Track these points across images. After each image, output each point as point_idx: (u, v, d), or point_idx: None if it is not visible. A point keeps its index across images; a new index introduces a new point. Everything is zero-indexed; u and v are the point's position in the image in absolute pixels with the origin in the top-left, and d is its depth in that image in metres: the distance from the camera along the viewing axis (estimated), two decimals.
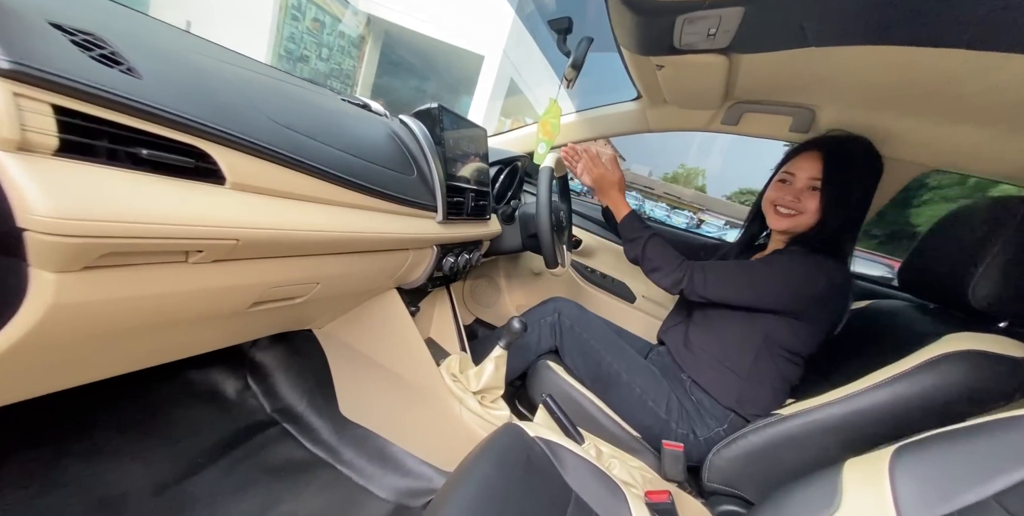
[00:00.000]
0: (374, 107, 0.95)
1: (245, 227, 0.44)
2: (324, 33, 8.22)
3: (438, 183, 0.84)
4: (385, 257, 0.76)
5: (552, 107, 1.05)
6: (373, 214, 0.69)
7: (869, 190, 0.93)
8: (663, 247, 0.99)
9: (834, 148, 0.96)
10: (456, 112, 0.93)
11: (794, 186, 0.98)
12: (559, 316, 1.15)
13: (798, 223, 0.97)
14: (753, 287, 0.90)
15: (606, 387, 1.06)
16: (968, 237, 0.79)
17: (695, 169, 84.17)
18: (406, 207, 0.76)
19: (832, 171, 0.93)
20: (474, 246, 1.11)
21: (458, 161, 0.95)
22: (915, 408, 0.72)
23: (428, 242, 0.84)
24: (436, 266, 0.91)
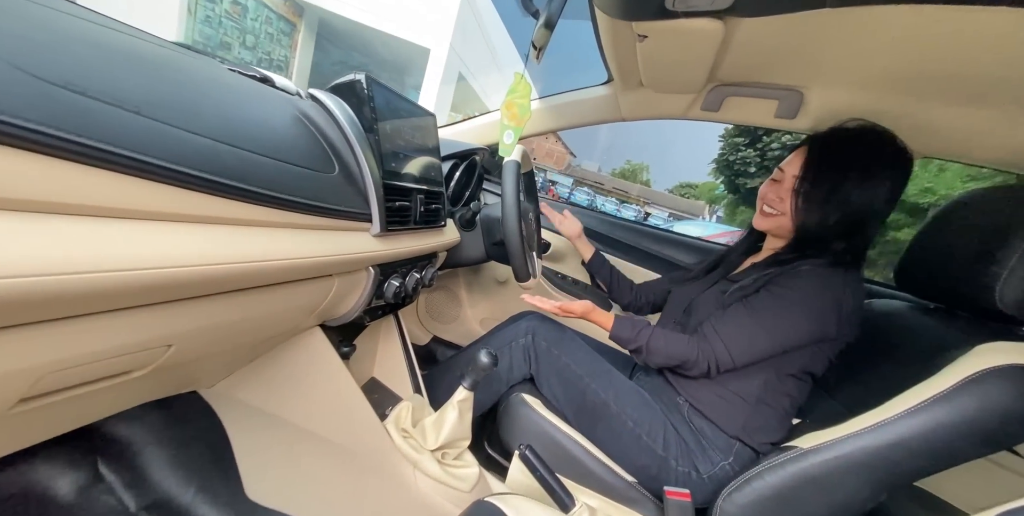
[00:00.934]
0: (278, 82, 0.69)
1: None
2: (247, 18, 7.44)
3: (371, 183, 0.61)
4: (293, 292, 0.52)
5: (519, 84, 0.84)
6: (268, 232, 0.46)
7: (877, 191, 0.78)
8: (664, 337, 0.83)
9: (823, 145, 0.83)
10: (393, 89, 0.70)
11: (782, 184, 0.86)
12: (533, 337, 0.96)
13: (780, 225, 0.86)
14: (773, 337, 0.76)
15: (593, 421, 0.89)
16: (982, 229, 0.69)
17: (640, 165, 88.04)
18: (324, 218, 0.53)
19: (809, 166, 0.81)
20: (427, 261, 0.89)
21: (400, 154, 0.72)
22: (959, 436, 0.61)
23: (360, 263, 0.61)
24: (376, 293, 0.68)
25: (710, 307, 0.88)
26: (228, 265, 0.39)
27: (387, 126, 0.68)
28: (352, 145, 0.61)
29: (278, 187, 0.46)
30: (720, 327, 0.79)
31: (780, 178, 0.86)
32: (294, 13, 8.72)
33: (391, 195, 0.67)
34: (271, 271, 0.45)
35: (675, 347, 0.80)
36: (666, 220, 21.77)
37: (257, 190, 0.43)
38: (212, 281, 0.39)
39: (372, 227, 0.63)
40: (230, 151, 0.42)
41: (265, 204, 0.44)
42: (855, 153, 0.79)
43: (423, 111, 0.85)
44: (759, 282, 0.82)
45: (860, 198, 0.77)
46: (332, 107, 0.61)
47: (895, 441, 0.63)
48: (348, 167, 0.60)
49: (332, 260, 0.53)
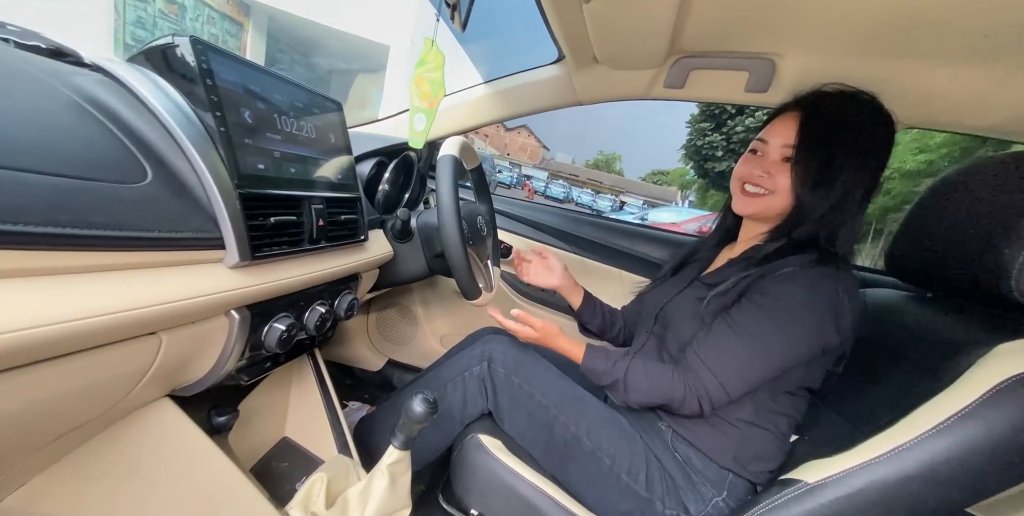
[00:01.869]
0: (88, 59, 0.50)
1: None
2: (186, 18, 6.94)
3: (217, 194, 0.43)
4: (84, 367, 0.35)
5: (428, 54, 0.67)
6: (26, 286, 0.28)
7: (869, 163, 0.68)
8: (644, 371, 0.69)
9: (816, 105, 0.71)
10: (254, 62, 0.52)
11: (765, 158, 0.72)
12: (489, 365, 0.81)
13: (768, 206, 0.72)
14: (770, 359, 0.63)
15: (564, 461, 0.75)
16: (991, 204, 0.59)
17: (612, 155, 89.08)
18: (126, 251, 0.35)
19: (807, 135, 0.68)
20: (343, 287, 0.71)
21: (276, 152, 0.54)
22: (992, 461, 0.49)
23: (207, 310, 0.43)
24: (248, 345, 0.50)
25: (686, 317, 0.74)
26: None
27: (246, 113, 0.50)
28: (178, 140, 0.42)
29: (23, 215, 0.28)
30: (706, 354, 0.64)
31: (763, 150, 0.73)
32: (240, 12, 8.21)
33: (259, 209, 0.49)
34: (29, 347, 0.27)
35: (658, 383, 0.66)
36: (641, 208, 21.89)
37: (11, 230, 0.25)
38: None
39: (227, 256, 0.45)
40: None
41: (28, 247, 0.27)
42: (846, 119, 0.68)
43: (319, 97, 0.67)
44: (740, 286, 0.68)
45: (854, 169, 0.66)
46: (134, 84, 0.42)
47: (917, 472, 0.51)
48: (173, 173, 0.42)
49: (142, 313, 0.36)
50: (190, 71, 0.44)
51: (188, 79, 0.44)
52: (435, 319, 1.36)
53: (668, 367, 0.67)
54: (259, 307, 0.50)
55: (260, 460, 0.67)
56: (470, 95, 1.22)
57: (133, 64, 0.45)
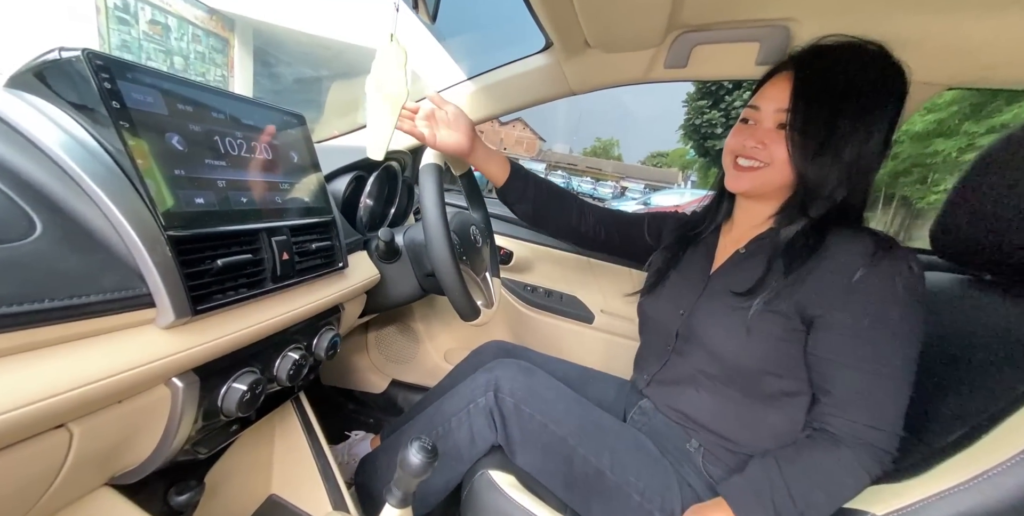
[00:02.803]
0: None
1: None
2: (171, 38, 6.89)
3: (136, 239, 0.35)
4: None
5: (387, 51, 0.58)
6: None
7: (880, 123, 0.59)
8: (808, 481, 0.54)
9: (813, 61, 0.61)
10: (171, 73, 0.43)
11: (759, 126, 0.63)
12: (496, 394, 0.72)
13: (764, 180, 0.63)
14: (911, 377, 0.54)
15: (586, 497, 0.67)
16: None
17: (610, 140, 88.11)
18: (11, 331, 0.27)
19: (802, 95, 0.59)
20: (323, 322, 0.63)
21: (218, 182, 0.46)
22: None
23: (131, 387, 0.35)
24: (201, 415, 0.42)
25: (724, 332, 0.64)
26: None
27: (174, 139, 0.41)
28: (76, 179, 0.34)
29: None
30: (858, 413, 0.53)
31: (755, 118, 0.63)
32: (224, 28, 8.14)
33: (202, 251, 0.41)
34: None
35: (827, 472, 0.53)
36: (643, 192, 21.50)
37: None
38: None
39: (159, 315, 0.37)
40: None
41: None
42: (849, 74, 0.58)
43: (277, 112, 0.59)
44: (785, 288, 0.59)
45: (865, 132, 0.58)
46: (8, 113, 0.34)
47: (1013, 500, 0.42)
48: (74, 221, 0.34)
49: (39, 408, 0.28)
50: (89, 93, 0.36)
51: (87, 103, 0.36)
52: (437, 334, 1.28)
53: (825, 450, 0.54)
54: (211, 367, 0.42)
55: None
56: (455, 93, 1.12)
57: (11, 89, 0.37)
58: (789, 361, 0.60)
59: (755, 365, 0.62)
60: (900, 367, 0.53)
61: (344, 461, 0.94)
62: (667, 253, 0.80)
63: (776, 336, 0.60)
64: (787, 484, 0.55)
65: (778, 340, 0.60)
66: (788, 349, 0.60)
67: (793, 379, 0.61)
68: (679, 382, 0.72)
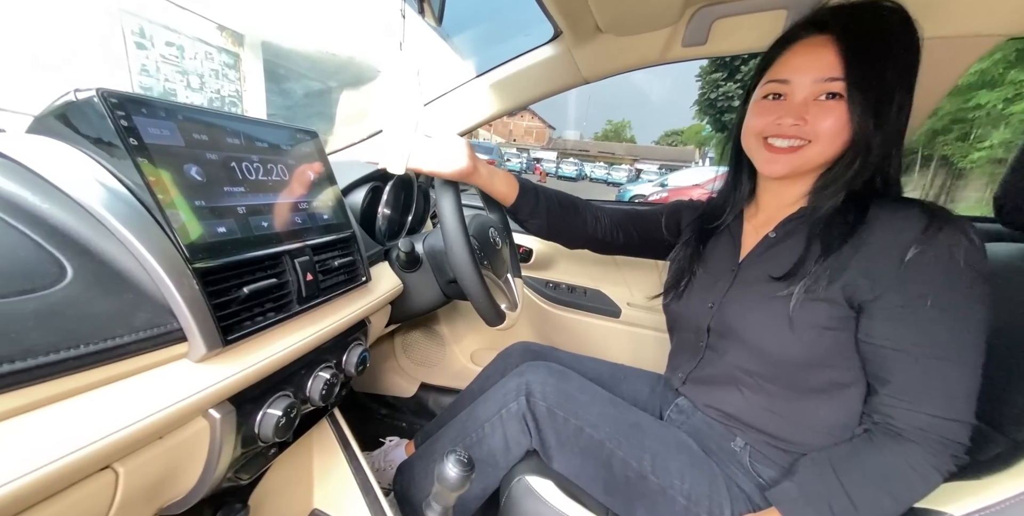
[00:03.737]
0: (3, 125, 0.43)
1: None
2: (186, 58, 7.09)
3: (163, 275, 0.35)
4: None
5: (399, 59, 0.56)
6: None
7: (913, 81, 0.55)
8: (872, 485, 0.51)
9: (848, 23, 0.55)
10: (184, 103, 0.43)
11: (793, 100, 0.57)
12: (528, 399, 0.71)
13: (807, 159, 0.58)
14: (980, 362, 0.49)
15: (629, 501, 0.65)
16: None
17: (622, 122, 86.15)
18: (34, 383, 0.28)
19: (856, 62, 0.53)
20: (350, 338, 0.63)
21: (239, 207, 0.45)
22: None
23: (171, 423, 0.35)
24: (241, 443, 0.43)
25: (763, 325, 0.60)
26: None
27: (193, 170, 0.41)
28: (101, 220, 0.34)
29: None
30: (929, 405, 0.49)
31: (786, 92, 0.58)
32: (234, 42, 8.34)
33: (228, 281, 0.41)
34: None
35: (889, 471, 0.50)
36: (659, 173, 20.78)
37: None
38: None
39: (191, 349, 0.37)
40: None
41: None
42: (885, 33, 0.54)
43: (287, 130, 0.58)
44: (828, 272, 0.54)
45: (906, 92, 0.55)
46: (30, 161, 0.34)
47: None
48: (103, 262, 0.34)
49: (85, 454, 0.28)
50: (106, 132, 0.36)
51: (106, 142, 0.36)
52: (463, 336, 1.28)
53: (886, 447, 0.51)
54: (245, 395, 0.43)
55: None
56: (465, 92, 1.10)
57: (34, 134, 0.37)
58: (838, 351, 0.56)
59: (800, 358, 0.58)
60: (967, 351, 0.48)
61: (381, 468, 0.95)
62: (687, 249, 0.75)
63: (822, 325, 0.55)
64: (845, 488, 0.51)
65: (824, 329, 0.55)
66: (836, 338, 0.55)
67: (845, 369, 0.56)
68: (717, 380, 0.69)
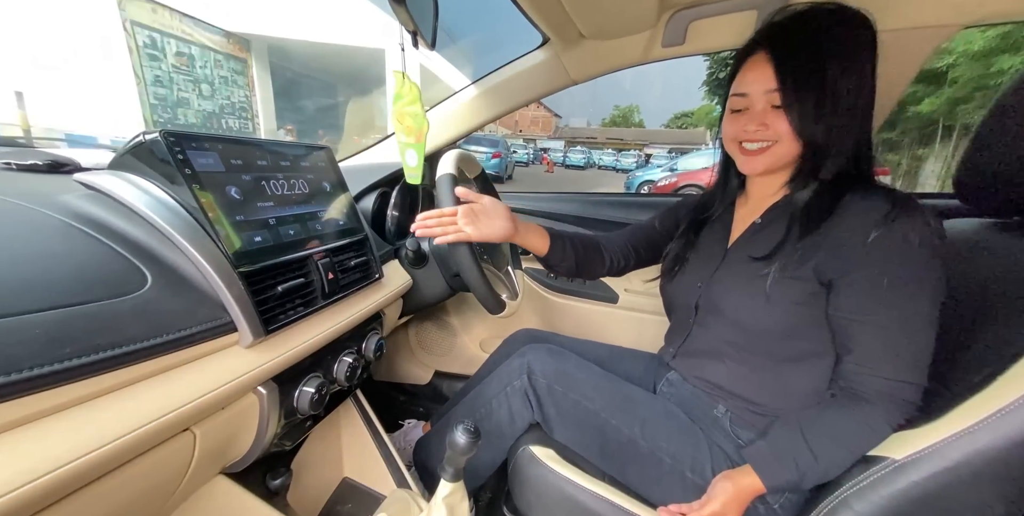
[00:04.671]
0: (87, 162, 0.52)
1: None
2: (196, 67, 7.29)
3: (218, 279, 0.44)
4: (130, 476, 0.37)
5: (402, 88, 0.64)
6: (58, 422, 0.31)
7: (865, 73, 0.59)
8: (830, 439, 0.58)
9: (781, 36, 0.61)
10: (222, 134, 0.51)
11: (754, 109, 0.64)
12: (529, 377, 0.79)
13: (778, 157, 0.64)
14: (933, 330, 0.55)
15: (622, 464, 0.72)
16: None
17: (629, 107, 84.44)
18: (128, 365, 0.37)
19: (786, 73, 0.60)
20: (368, 328, 0.72)
21: (269, 220, 0.54)
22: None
23: (229, 396, 0.44)
24: (283, 414, 0.52)
25: (743, 300, 0.67)
26: None
27: (232, 191, 0.50)
28: (169, 236, 0.43)
29: (22, 361, 0.29)
30: (883, 368, 0.56)
31: (747, 105, 0.65)
32: (241, 49, 8.52)
33: (265, 282, 0.50)
34: (51, 487, 0.29)
35: (858, 440, 0.57)
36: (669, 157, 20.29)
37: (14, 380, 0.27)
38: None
39: (241, 337, 0.46)
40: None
41: (36, 390, 0.29)
42: (821, 36, 0.59)
43: (303, 148, 0.66)
44: (801, 253, 0.61)
45: (850, 86, 0.59)
46: (115, 190, 0.43)
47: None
48: (172, 270, 0.43)
49: (168, 419, 0.37)
50: (168, 164, 0.45)
51: (168, 172, 0.45)
52: (472, 326, 1.37)
53: (849, 409, 0.58)
54: (284, 375, 0.52)
55: (325, 506, 0.71)
56: (462, 98, 1.17)
57: (114, 171, 0.46)
58: (810, 324, 0.62)
59: (776, 330, 0.64)
60: (921, 322, 0.54)
61: (401, 447, 1.05)
62: (682, 239, 0.82)
63: (795, 301, 0.62)
64: (809, 445, 0.58)
65: (797, 304, 0.62)
66: (808, 312, 0.62)
67: (816, 341, 0.63)
68: (703, 353, 0.76)
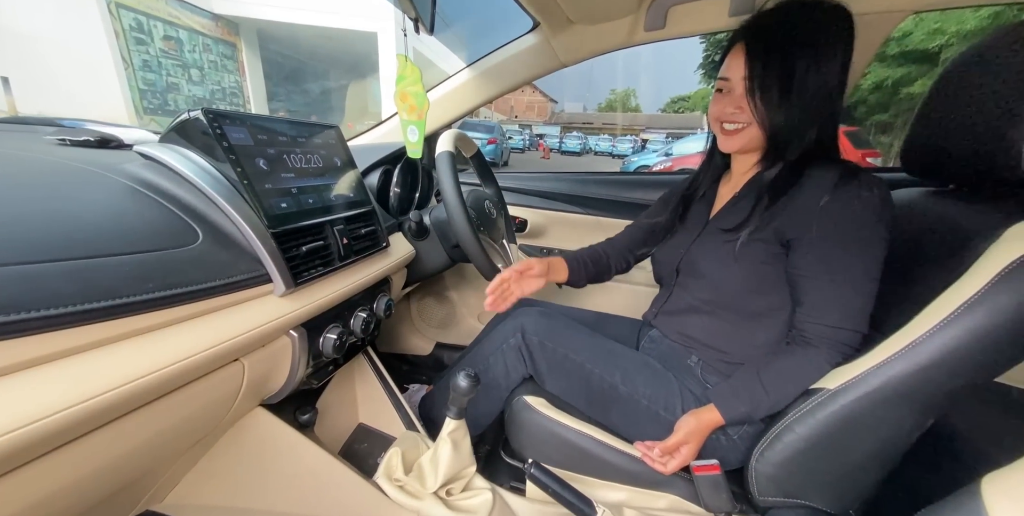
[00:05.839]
0: (127, 138, 0.59)
1: None
2: (185, 51, 7.17)
3: (255, 238, 0.52)
4: (189, 396, 0.46)
5: (405, 69, 0.71)
6: (130, 345, 0.39)
7: (832, 62, 0.66)
8: (780, 378, 0.68)
9: (757, 29, 0.69)
10: (249, 112, 0.59)
11: (733, 93, 0.72)
12: (523, 335, 0.88)
13: (750, 138, 0.73)
14: (874, 284, 0.64)
15: (605, 407, 0.82)
16: (990, 89, 0.55)
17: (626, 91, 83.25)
18: (199, 301, 0.45)
19: (754, 64, 0.68)
20: (378, 290, 0.80)
21: (292, 189, 0.62)
22: (1005, 340, 0.50)
23: (270, 335, 0.53)
24: (311, 355, 0.61)
25: (715, 263, 0.76)
26: (56, 416, 0.32)
27: (261, 162, 0.57)
28: (213, 200, 0.51)
29: (106, 293, 0.37)
30: (827, 317, 0.65)
31: (727, 88, 0.73)
32: (229, 32, 8.35)
33: (291, 242, 0.58)
34: (132, 394, 0.38)
35: (803, 376, 0.66)
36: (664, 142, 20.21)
37: (75, 310, 0.35)
38: (52, 435, 0.33)
39: (275, 287, 0.54)
40: (49, 270, 0.35)
41: (94, 320, 0.37)
42: (792, 31, 0.66)
43: (317, 126, 0.74)
44: (772, 224, 0.69)
45: (817, 77, 0.66)
46: (170, 161, 0.51)
47: (929, 363, 0.53)
48: (218, 228, 0.51)
49: (224, 347, 0.46)
50: (209, 138, 0.52)
51: (209, 145, 0.53)
52: (470, 299, 1.46)
53: (798, 353, 0.67)
54: (311, 323, 0.61)
55: (344, 444, 0.81)
56: (457, 81, 1.23)
57: (165, 143, 0.54)
58: (772, 281, 0.71)
59: (743, 287, 0.74)
60: (863, 277, 0.63)
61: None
62: (673, 214, 0.92)
63: (760, 260, 0.71)
64: (762, 383, 0.68)
65: (761, 264, 0.71)
66: (771, 271, 0.71)
67: (776, 297, 0.72)
68: (681, 310, 0.85)
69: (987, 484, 0.35)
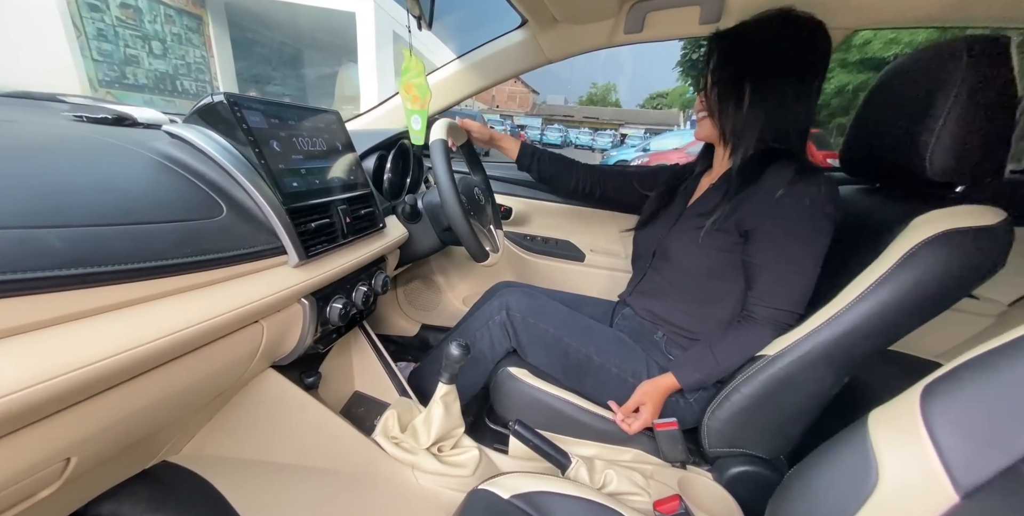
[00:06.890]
0: (140, 117, 0.63)
1: None
2: (144, 21, 6.71)
3: (272, 213, 0.57)
4: (215, 352, 0.51)
5: (410, 63, 0.76)
6: (163, 304, 0.44)
7: (787, 71, 0.74)
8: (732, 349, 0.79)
9: (726, 34, 0.79)
10: (266, 98, 0.63)
11: (706, 86, 0.84)
12: (508, 312, 0.97)
13: (708, 128, 0.85)
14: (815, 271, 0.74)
15: (580, 376, 0.92)
16: (911, 98, 0.65)
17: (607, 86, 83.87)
18: (224, 267, 0.50)
19: (714, 65, 0.79)
20: (375, 268, 0.86)
21: (301, 170, 0.67)
22: (903, 311, 0.63)
23: (286, 301, 0.59)
24: (319, 321, 0.67)
25: (686, 248, 0.86)
26: (118, 357, 0.37)
27: (274, 144, 0.62)
28: (235, 177, 0.55)
29: (154, 255, 0.42)
30: (773, 300, 0.76)
31: (705, 84, 0.83)
32: (195, 4, 7.85)
33: (302, 218, 0.63)
34: (175, 345, 0.43)
35: (749, 347, 0.77)
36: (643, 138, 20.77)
37: (131, 267, 0.40)
38: (107, 377, 0.38)
39: (289, 258, 0.60)
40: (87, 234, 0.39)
41: (145, 278, 0.42)
42: (754, 37, 0.76)
43: (320, 112, 0.78)
44: (735, 215, 0.78)
45: (771, 80, 0.74)
46: (197, 141, 0.55)
47: (847, 330, 0.65)
48: (239, 203, 0.56)
49: (249, 308, 0.51)
50: (231, 121, 0.57)
51: (230, 127, 0.57)
52: (455, 284, 1.53)
53: (746, 330, 0.78)
54: (320, 293, 0.66)
55: (342, 408, 0.88)
56: (446, 72, 1.28)
57: (189, 124, 0.58)
58: (730, 267, 0.82)
59: (704, 271, 0.84)
60: (806, 267, 0.73)
61: None
62: (659, 198, 1.01)
63: (720, 248, 0.81)
64: (714, 354, 0.79)
65: (721, 251, 0.81)
66: (729, 258, 0.81)
67: (732, 282, 0.83)
68: (651, 291, 0.95)
69: (872, 418, 0.44)
